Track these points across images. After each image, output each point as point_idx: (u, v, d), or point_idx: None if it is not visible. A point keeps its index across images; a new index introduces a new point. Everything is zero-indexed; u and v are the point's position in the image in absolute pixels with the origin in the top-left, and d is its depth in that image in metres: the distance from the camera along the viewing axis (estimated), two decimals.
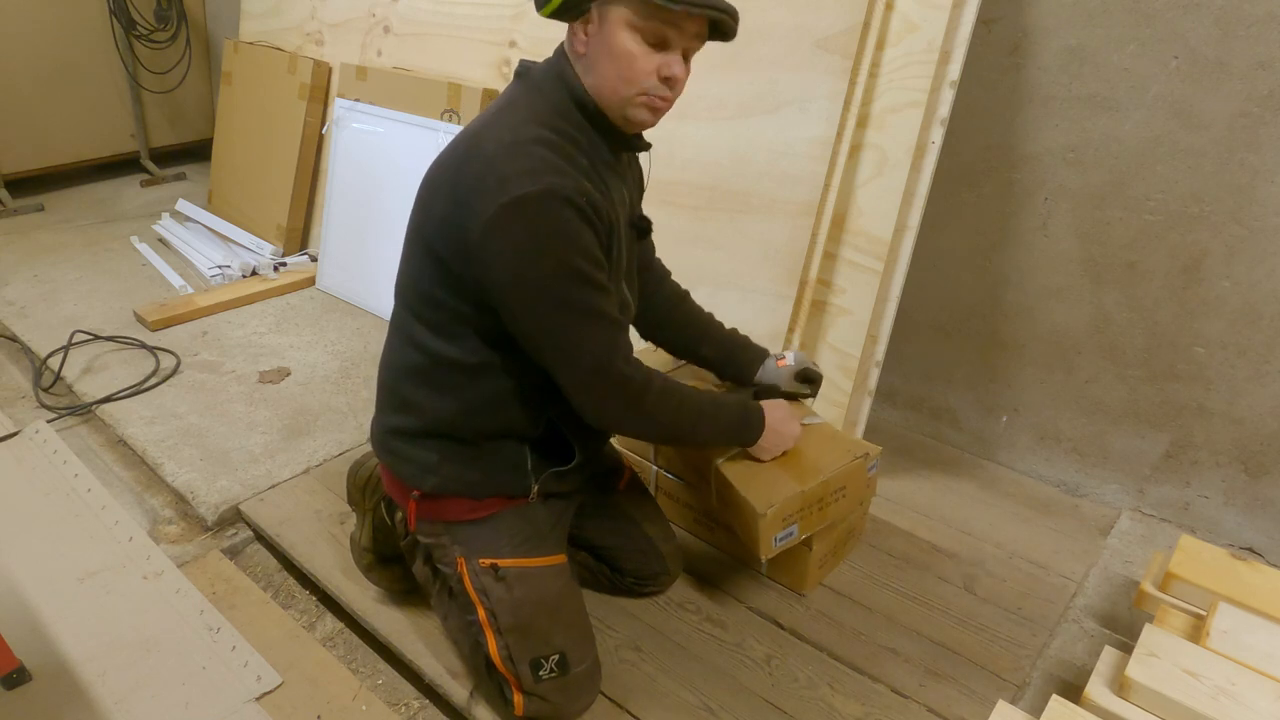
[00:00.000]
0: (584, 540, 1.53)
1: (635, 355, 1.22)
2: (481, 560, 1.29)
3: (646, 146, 1.25)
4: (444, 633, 1.48)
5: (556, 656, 1.28)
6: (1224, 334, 1.69)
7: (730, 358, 1.55)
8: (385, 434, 1.33)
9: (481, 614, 1.29)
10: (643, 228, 1.33)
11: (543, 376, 1.20)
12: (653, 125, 1.18)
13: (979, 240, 1.94)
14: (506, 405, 1.24)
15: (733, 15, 1.12)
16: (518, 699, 1.29)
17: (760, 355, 1.55)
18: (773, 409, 1.43)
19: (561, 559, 1.35)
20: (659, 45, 1.10)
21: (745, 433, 1.40)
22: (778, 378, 1.54)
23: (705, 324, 1.56)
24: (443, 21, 2.64)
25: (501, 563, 1.28)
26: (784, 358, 1.54)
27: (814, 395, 1.60)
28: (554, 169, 1.07)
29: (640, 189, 1.37)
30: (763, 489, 1.39)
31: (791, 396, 1.55)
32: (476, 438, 1.27)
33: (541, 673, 1.27)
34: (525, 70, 1.20)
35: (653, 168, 2.10)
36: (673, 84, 1.13)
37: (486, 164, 1.08)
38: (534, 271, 1.08)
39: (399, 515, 1.44)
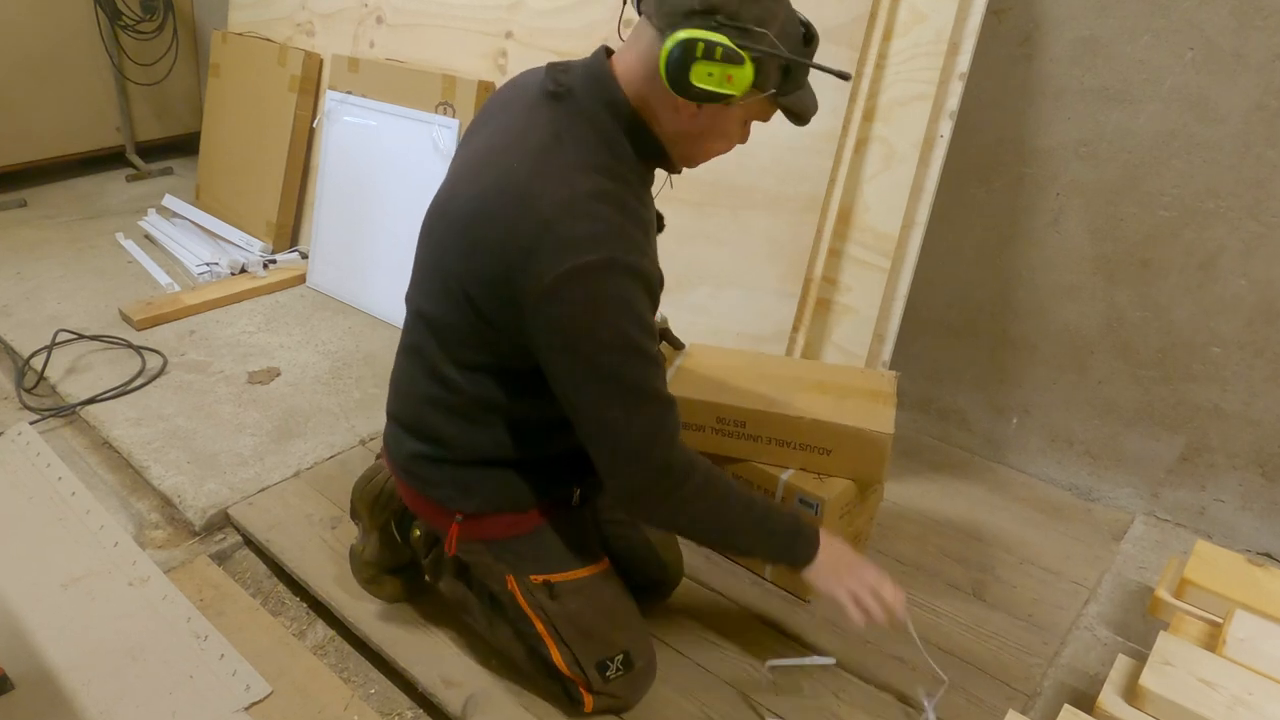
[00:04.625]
0: None
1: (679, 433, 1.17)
2: (533, 577, 1.30)
3: (679, 171, 1.22)
4: (485, 639, 1.47)
5: (621, 656, 1.33)
6: (1241, 333, 1.69)
7: None
8: (408, 459, 1.32)
9: (540, 627, 1.31)
10: (659, 225, 1.34)
11: None
12: None
13: (989, 237, 1.95)
14: (546, 434, 1.25)
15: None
16: (588, 699, 1.34)
17: None
18: (831, 541, 1.27)
19: (605, 563, 1.38)
20: None
21: (794, 551, 1.25)
22: None
23: None
24: (437, 12, 2.64)
25: (554, 578, 1.30)
26: None
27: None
28: (616, 232, 1.05)
29: None
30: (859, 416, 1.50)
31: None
32: (513, 463, 1.28)
33: (609, 673, 1.32)
34: (566, 90, 1.12)
35: None
36: None
37: (543, 225, 1.04)
38: (588, 343, 1.06)
39: (416, 534, 1.45)
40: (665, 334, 1.62)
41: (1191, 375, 1.77)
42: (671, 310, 2.03)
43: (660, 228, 1.33)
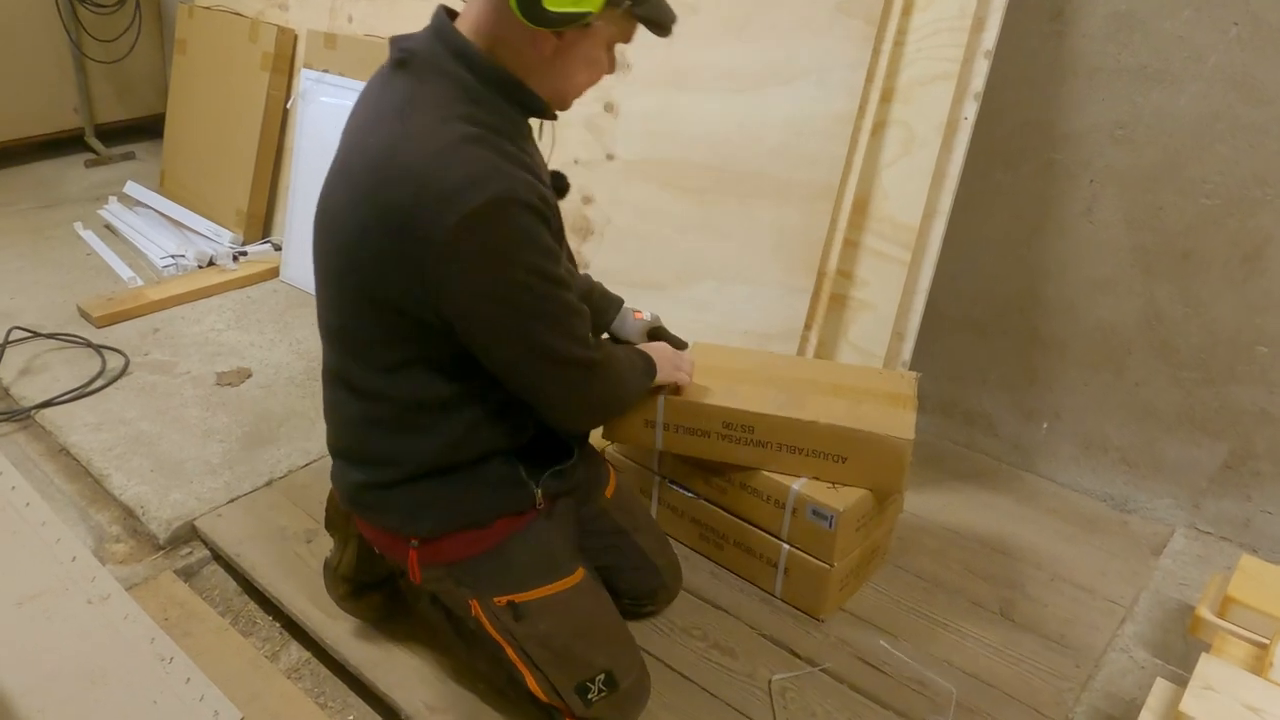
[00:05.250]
0: None
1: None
2: (497, 599, 1.30)
3: (554, 117, 1.26)
4: (464, 662, 1.48)
5: (602, 676, 1.32)
6: None
7: (587, 301, 1.56)
8: (355, 489, 1.33)
9: (511, 653, 1.31)
10: (560, 186, 1.34)
11: None
12: None
13: (1017, 227, 1.94)
14: (491, 424, 1.25)
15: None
16: None
17: (617, 303, 1.61)
18: (653, 349, 1.52)
19: (580, 574, 1.37)
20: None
21: (651, 375, 1.47)
22: (634, 329, 1.61)
23: None
24: None
25: (519, 598, 1.30)
26: (641, 312, 1.62)
27: None
28: (494, 170, 1.07)
29: None
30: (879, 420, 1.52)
31: None
32: (463, 465, 1.28)
33: (590, 696, 1.31)
34: (408, 56, 1.16)
35: (652, 146, 2.11)
36: None
37: (418, 185, 1.06)
38: (502, 290, 1.10)
39: None
40: (660, 332, 1.63)
41: (1236, 376, 1.77)
42: (672, 306, 2.03)
43: (562, 189, 1.34)
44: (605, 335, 1.62)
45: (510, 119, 1.17)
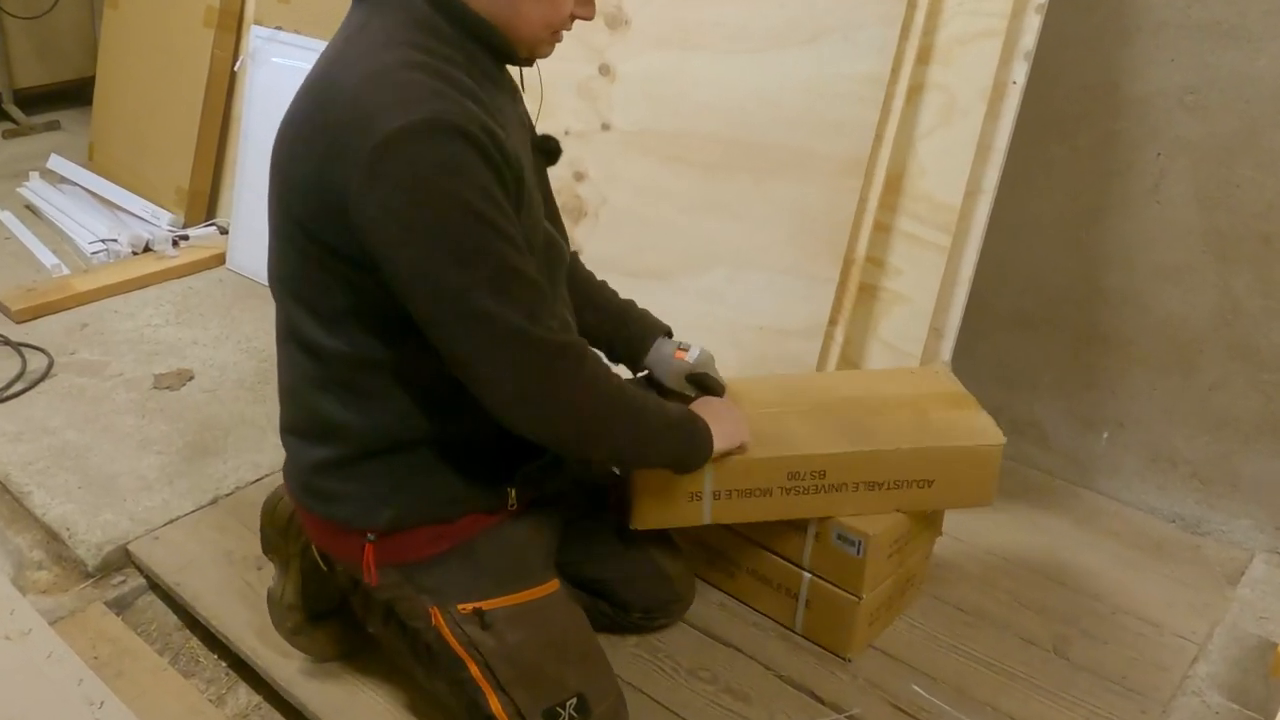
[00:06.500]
0: (576, 575, 1.54)
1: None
2: (460, 606, 1.31)
3: (523, 61, 1.28)
4: (426, 692, 1.48)
5: (574, 701, 1.32)
6: None
7: (622, 328, 1.57)
8: (309, 472, 1.33)
9: (474, 670, 1.31)
10: (549, 149, 1.35)
11: None
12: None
13: (1073, 207, 1.94)
14: (453, 396, 1.24)
15: None
16: None
17: (657, 330, 1.58)
18: (716, 408, 1.45)
19: (555, 584, 1.38)
20: None
21: (694, 441, 1.38)
22: (668, 369, 1.55)
23: (591, 284, 1.60)
24: None
25: (486, 605, 1.31)
26: (686, 349, 1.56)
27: None
28: (431, 94, 1.09)
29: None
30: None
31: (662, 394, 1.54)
32: (428, 444, 1.29)
33: None
34: None
35: (654, 115, 2.11)
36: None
37: (348, 104, 1.10)
38: (421, 220, 1.10)
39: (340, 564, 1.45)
40: (704, 379, 1.55)
41: None
42: (677, 298, 2.03)
43: (551, 152, 1.35)
44: (644, 374, 1.59)
45: (471, 55, 1.19)
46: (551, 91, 2.16)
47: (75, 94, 4.12)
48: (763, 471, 1.49)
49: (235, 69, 3.03)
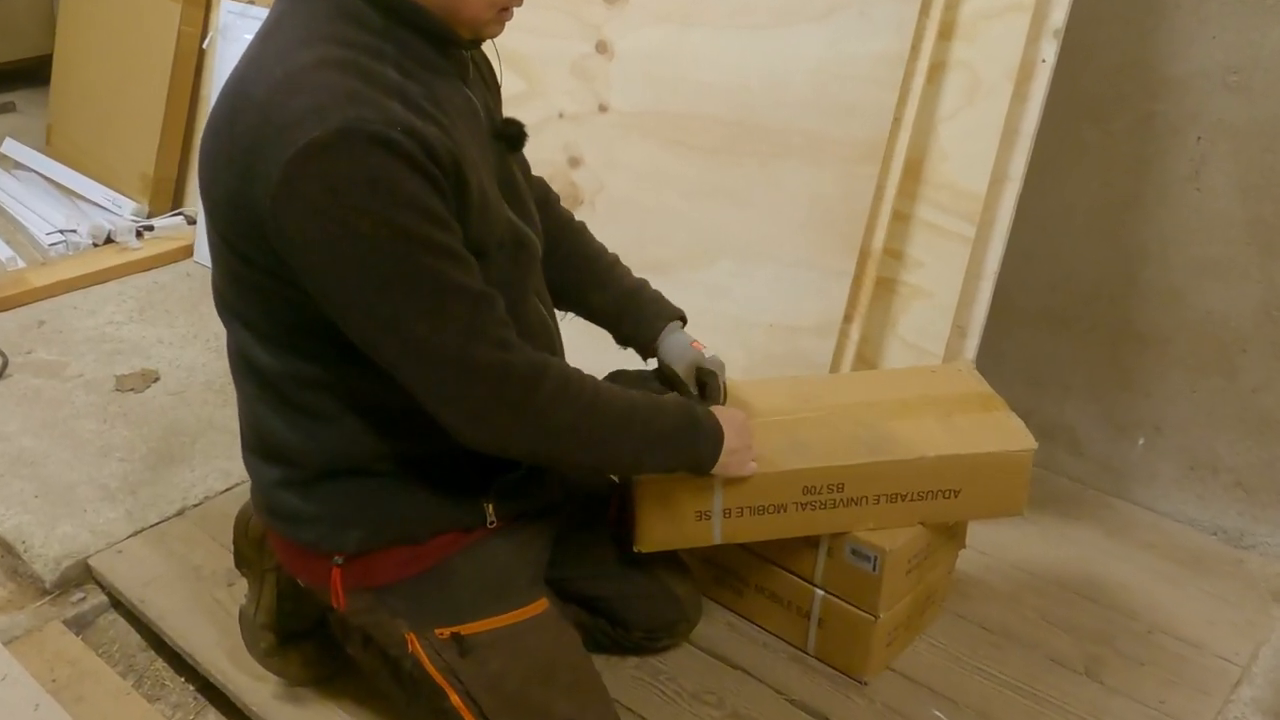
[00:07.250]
0: (573, 591, 1.54)
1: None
2: (438, 631, 1.30)
3: (466, 44, 1.25)
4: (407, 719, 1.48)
5: None
6: None
7: (631, 310, 1.55)
8: (269, 490, 1.34)
9: (455, 699, 1.31)
10: (511, 134, 1.33)
11: None
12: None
13: (1106, 196, 1.95)
14: (407, 416, 1.23)
15: None
16: None
17: (670, 314, 1.56)
18: (728, 416, 1.40)
19: (543, 604, 1.38)
20: None
21: (694, 448, 1.35)
22: (681, 358, 1.53)
23: (600, 262, 1.58)
24: None
25: (466, 630, 1.30)
26: (701, 343, 1.55)
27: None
28: (347, 97, 1.06)
29: (495, 86, 1.40)
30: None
31: (671, 386, 1.53)
32: (388, 463, 1.29)
33: None
34: None
35: (655, 96, 2.11)
36: None
37: (259, 114, 1.08)
38: (342, 245, 1.08)
39: None
40: (707, 377, 1.53)
41: None
42: (680, 292, 2.02)
43: (520, 137, 1.33)
44: (654, 359, 1.57)
45: (403, 44, 1.16)
46: (544, 71, 2.17)
47: (31, 73, 4.12)
48: (776, 487, 1.47)
49: (204, 46, 3.03)
